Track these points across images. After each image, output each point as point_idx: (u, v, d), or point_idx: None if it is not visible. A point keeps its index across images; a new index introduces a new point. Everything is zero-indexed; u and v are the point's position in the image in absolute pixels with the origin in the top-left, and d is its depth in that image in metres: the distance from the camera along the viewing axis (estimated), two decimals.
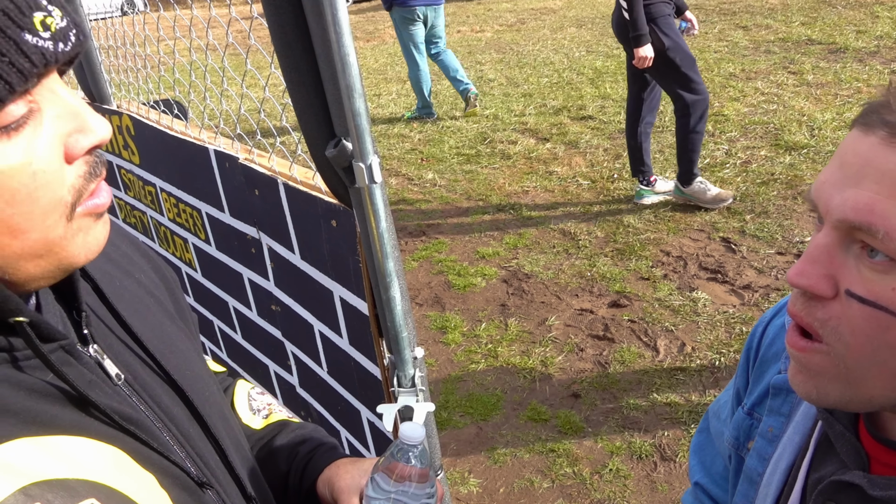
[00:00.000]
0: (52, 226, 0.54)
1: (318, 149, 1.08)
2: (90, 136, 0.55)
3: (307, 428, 1.01)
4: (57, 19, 0.52)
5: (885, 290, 0.53)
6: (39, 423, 0.55)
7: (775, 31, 7.70)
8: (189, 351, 0.80)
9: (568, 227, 4.26)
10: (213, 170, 1.63)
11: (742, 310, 3.25)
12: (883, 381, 0.56)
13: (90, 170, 0.56)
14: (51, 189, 0.53)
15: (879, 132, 0.53)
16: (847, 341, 0.56)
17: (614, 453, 2.57)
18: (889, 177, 0.51)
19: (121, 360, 0.68)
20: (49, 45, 0.51)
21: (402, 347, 1.17)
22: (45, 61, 0.51)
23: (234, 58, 9.29)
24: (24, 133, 0.51)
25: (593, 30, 9.62)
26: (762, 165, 4.59)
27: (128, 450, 0.61)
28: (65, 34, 0.52)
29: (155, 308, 0.79)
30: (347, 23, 0.95)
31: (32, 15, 0.50)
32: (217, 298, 1.97)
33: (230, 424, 0.83)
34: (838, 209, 0.54)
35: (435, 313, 3.62)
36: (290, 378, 1.80)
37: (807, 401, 0.62)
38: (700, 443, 1.06)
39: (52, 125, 0.53)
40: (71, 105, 0.55)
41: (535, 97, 6.81)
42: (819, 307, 0.57)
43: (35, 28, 0.50)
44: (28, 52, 0.49)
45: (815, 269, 0.56)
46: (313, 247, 1.38)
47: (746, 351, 0.88)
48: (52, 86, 0.54)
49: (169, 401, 0.71)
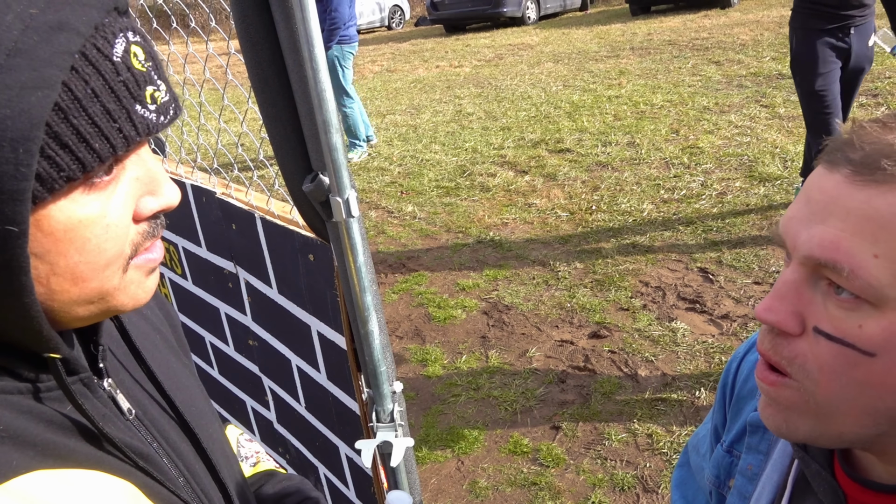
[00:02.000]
0: (109, 276, 0.57)
1: (296, 183, 1.08)
2: (160, 200, 0.59)
3: (294, 480, 1.02)
4: (163, 94, 0.56)
5: (852, 327, 0.53)
6: (57, 455, 0.56)
7: (747, 66, 7.88)
8: (193, 387, 0.81)
9: (547, 258, 4.28)
10: (191, 204, 1.62)
11: (721, 339, 3.27)
12: (853, 418, 0.56)
13: (150, 229, 0.60)
14: (117, 243, 0.56)
15: (843, 170, 0.53)
16: (815, 378, 0.56)
17: (596, 485, 2.55)
18: (854, 214, 0.52)
19: (132, 395, 0.69)
20: (153, 116, 0.55)
21: (381, 382, 1.16)
22: (147, 131, 0.54)
23: (212, 93, 9.32)
24: (107, 189, 0.54)
25: (570, 65, 9.78)
26: (737, 196, 4.66)
27: (140, 485, 0.61)
28: (166, 108, 0.57)
29: (161, 344, 0.80)
30: (324, 59, 0.96)
31: (146, 88, 0.54)
32: (193, 334, 1.94)
33: (231, 463, 0.83)
34: (804, 246, 0.55)
35: (415, 346, 3.60)
36: (268, 414, 1.77)
37: (776, 434, 0.62)
38: (681, 477, 1.06)
39: (130, 185, 0.57)
40: (152, 170, 0.59)
41: (513, 130, 6.89)
42: (786, 344, 0.57)
43: (145, 101, 0.54)
44: (136, 122, 0.53)
45: (783, 306, 0.56)
46: (291, 281, 1.37)
47: (722, 387, 0.88)
48: (140, 151, 0.58)
49: (176, 437, 0.72)
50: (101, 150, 0.51)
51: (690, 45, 9.55)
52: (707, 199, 4.69)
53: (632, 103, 7.18)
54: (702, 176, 5.08)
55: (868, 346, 0.52)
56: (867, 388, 0.54)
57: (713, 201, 4.66)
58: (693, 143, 5.73)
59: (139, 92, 0.53)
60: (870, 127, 0.54)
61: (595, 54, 10.28)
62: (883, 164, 0.51)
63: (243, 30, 0.99)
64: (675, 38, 10.26)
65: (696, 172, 5.16)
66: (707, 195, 4.75)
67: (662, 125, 6.31)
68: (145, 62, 0.54)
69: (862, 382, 0.54)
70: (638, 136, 6.12)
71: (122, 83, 0.52)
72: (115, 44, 0.52)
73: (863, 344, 0.53)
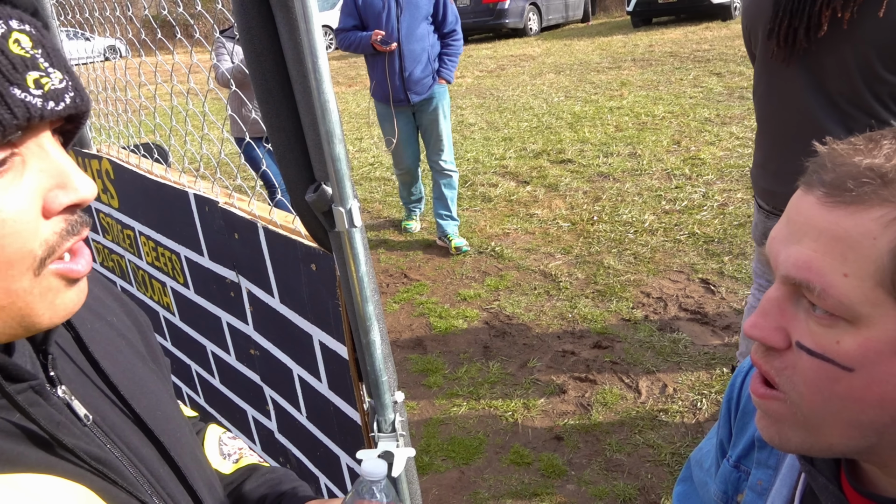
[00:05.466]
0: (15, 276, 0.54)
1: (298, 193, 1.09)
2: (71, 194, 0.56)
3: (277, 472, 1.01)
4: (54, 81, 0.54)
5: (831, 343, 0.54)
6: (6, 460, 0.55)
7: (748, 77, 7.90)
8: (160, 392, 0.80)
9: (549, 268, 4.28)
10: (193, 213, 1.63)
11: (723, 350, 3.26)
12: (839, 431, 0.57)
13: (68, 227, 0.57)
14: (20, 239, 0.53)
15: (817, 192, 0.55)
16: (801, 391, 0.57)
17: (598, 497, 2.54)
18: (826, 235, 0.53)
19: (89, 402, 0.68)
20: (38, 101, 0.53)
21: (382, 392, 1.16)
22: (28, 115, 0.52)
23: (215, 102, 9.35)
24: (1, 182, 0.52)
25: (571, 76, 9.82)
26: (738, 207, 4.66)
27: (96, 489, 0.61)
28: (59, 94, 0.54)
29: (126, 350, 0.80)
30: (328, 69, 0.96)
31: (27, 73, 0.52)
32: (195, 343, 1.94)
33: (202, 466, 0.83)
34: (783, 265, 0.57)
35: (416, 356, 3.60)
36: (269, 423, 1.77)
37: (771, 445, 0.63)
38: (684, 492, 1.05)
39: (34, 178, 0.54)
40: (57, 162, 0.56)
41: (515, 141, 6.91)
42: (777, 356, 0.59)
43: (26, 85, 0.52)
44: (12, 105, 0.51)
45: (768, 322, 0.58)
46: (293, 290, 1.37)
47: (727, 402, 0.89)
48: (43, 142, 0.55)
49: (138, 441, 0.71)
50: None
51: (692, 57, 9.58)
52: (708, 210, 4.70)
53: (633, 114, 7.20)
54: (703, 187, 5.08)
55: (846, 362, 0.54)
56: (848, 402, 0.55)
57: (715, 212, 4.66)
58: (694, 154, 5.74)
59: (15, 75, 0.51)
60: (840, 149, 0.56)
61: (597, 65, 10.31)
62: (848, 184, 0.53)
63: (247, 40, 0.99)
64: (676, 50, 10.29)
65: (698, 183, 5.16)
66: (708, 206, 4.76)
67: (664, 136, 6.33)
68: (31, 49, 0.53)
69: (843, 397, 0.55)
70: (639, 147, 6.13)
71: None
72: None
73: (841, 359, 0.54)
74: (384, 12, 4.23)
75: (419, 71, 4.34)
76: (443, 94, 4.52)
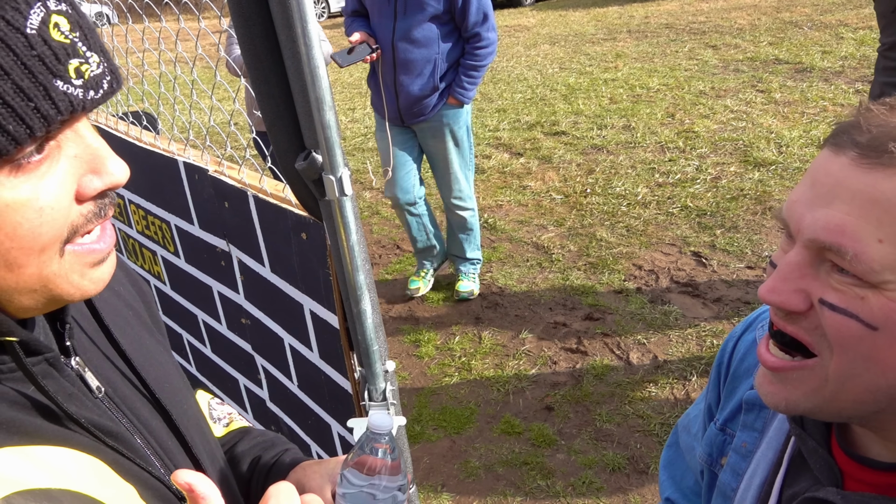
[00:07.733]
0: (46, 261, 0.54)
1: (288, 161, 1.08)
2: (105, 178, 0.55)
3: (269, 435, 1.02)
4: (93, 66, 0.52)
5: (855, 299, 0.53)
6: (23, 433, 0.55)
7: (744, 50, 7.85)
8: (167, 364, 0.81)
9: (541, 240, 4.29)
10: (183, 182, 1.61)
11: (713, 323, 3.29)
12: (854, 395, 0.56)
13: (97, 209, 0.56)
14: (54, 227, 0.53)
15: (850, 153, 0.53)
16: (832, 350, 0.56)
17: (587, 466, 2.57)
18: (860, 197, 0.51)
19: (101, 373, 0.68)
20: (79, 92, 0.51)
21: (373, 361, 1.17)
22: (71, 109, 0.51)
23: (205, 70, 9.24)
24: (38, 170, 0.51)
25: (566, 47, 9.73)
26: (732, 181, 4.66)
27: (109, 461, 0.61)
28: (98, 81, 0.53)
29: (133, 321, 0.80)
30: (317, 35, 0.95)
31: (68, 63, 0.50)
32: (186, 312, 1.94)
33: (206, 438, 0.83)
34: (809, 229, 0.55)
35: (408, 326, 3.61)
36: (261, 392, 1.78)
37: (774, 409, 0.62)
38: (670, 457, 1.06)
39: (69, 164, 0.54)
40: (92, 147, 0.55)
41: (508, 112, 6.86)
42: (802, 318, 0.57)
43: (68, 75, 0.50)
44: (56, 99, 0.50)
45: (787, 286, 0.57)
46: (283, 260, 1.37)
47: (717, 366, 0.89)
48: (78, 126, 0.54)
49: (148, 414, 0.71)
50: (16, 132, 0.48)
51: (687, 29, 9.50)
52: (701, 184, 4.69)
53: (628, 86, 7.15)
54: (697, 160, 5.07)
55: (871, 320, 0.53)
56: (871, 363, 0.54)
57: (707, 185, 4.66)
58: (688, 127, 5.72)
59: (59, 66, 0.49)
60: (877, 109, 0.54)
61: (592, 37, 10.22)
62: (890, 146, 0.51)
63: (236, 5, 0.97)
64: (672, 22, 10.20)
65: (691, 157, 5.15)
66: (702, 179, 4.75)
67: (658, 109, 6.30)
68: (70, 33, 0.51)
69: (867, 357, 0.54)
70: (633, 120, 6.10)
71: (37, 58, 0.48)
72: (30, 14, 0.48)
73: (866, 316, 0.53)
74: (384, 2, 3.16)
75: (416, 87, 3.23)
76: (455, 117, 3.35)
